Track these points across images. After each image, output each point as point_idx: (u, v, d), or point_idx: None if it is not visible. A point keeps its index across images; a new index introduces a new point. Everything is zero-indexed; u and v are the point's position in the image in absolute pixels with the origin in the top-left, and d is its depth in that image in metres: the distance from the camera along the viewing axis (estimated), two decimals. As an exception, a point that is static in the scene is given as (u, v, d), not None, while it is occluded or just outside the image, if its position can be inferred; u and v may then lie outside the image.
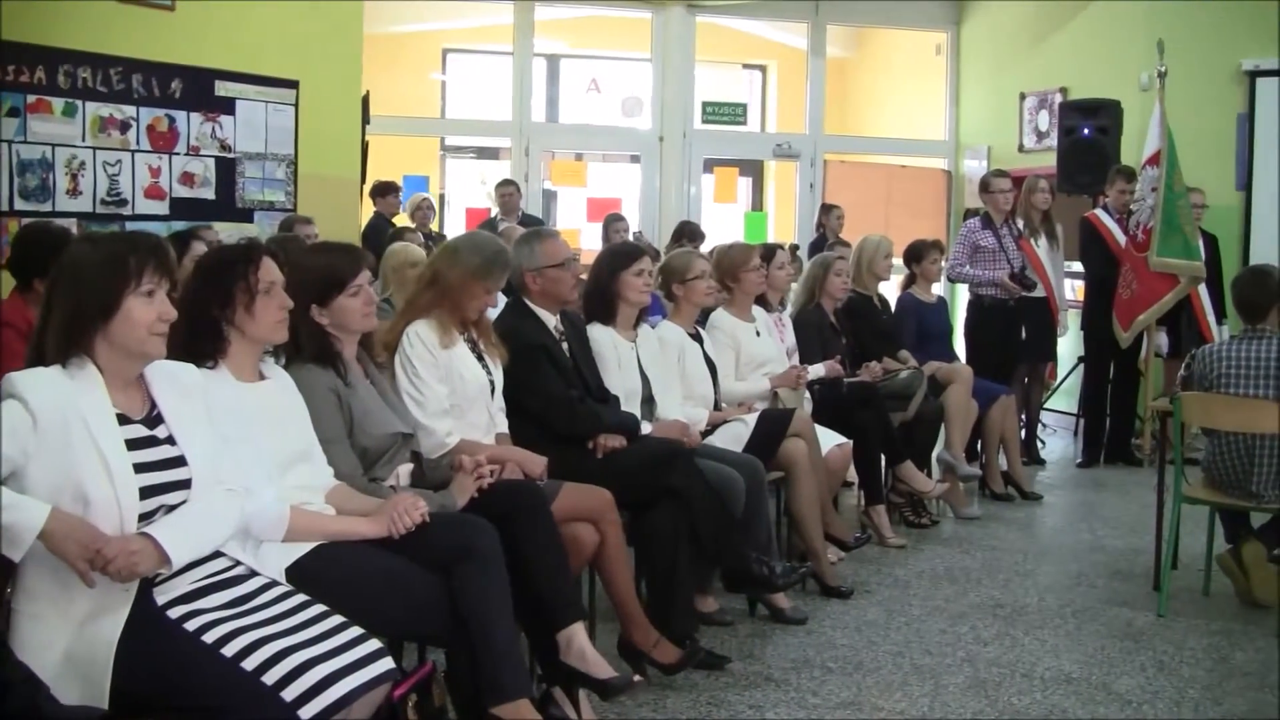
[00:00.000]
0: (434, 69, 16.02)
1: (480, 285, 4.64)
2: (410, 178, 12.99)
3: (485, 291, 4.67)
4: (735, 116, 14.23)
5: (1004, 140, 13.01)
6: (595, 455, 5.01)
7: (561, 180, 14.49)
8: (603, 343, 5.49)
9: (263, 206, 9.42)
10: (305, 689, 2.87)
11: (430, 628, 3.74)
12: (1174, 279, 9.08)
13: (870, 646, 5.34)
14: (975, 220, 9.28)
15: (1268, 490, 5.76)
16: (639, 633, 4.67)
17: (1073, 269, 10.26)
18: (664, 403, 5.69)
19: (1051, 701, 4.77)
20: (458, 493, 4.10)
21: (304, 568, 3.47)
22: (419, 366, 4.51)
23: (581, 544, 4.46)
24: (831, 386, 7.01)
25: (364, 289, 4.09)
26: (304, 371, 3.88)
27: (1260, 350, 5.74)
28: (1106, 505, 8.35)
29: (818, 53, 14.11)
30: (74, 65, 8.26)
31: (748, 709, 4.61)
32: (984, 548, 7.09)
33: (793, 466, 5.94)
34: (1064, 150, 10.64)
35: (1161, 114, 9.19)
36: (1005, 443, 8.34)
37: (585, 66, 16.22)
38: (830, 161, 13.92)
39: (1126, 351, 9.45)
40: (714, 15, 14.24)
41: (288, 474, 3.61)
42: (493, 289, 4.71)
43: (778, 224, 15.06)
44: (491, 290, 4.70)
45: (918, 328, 8.29)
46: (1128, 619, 5.82)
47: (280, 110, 9.55)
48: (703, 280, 6.10)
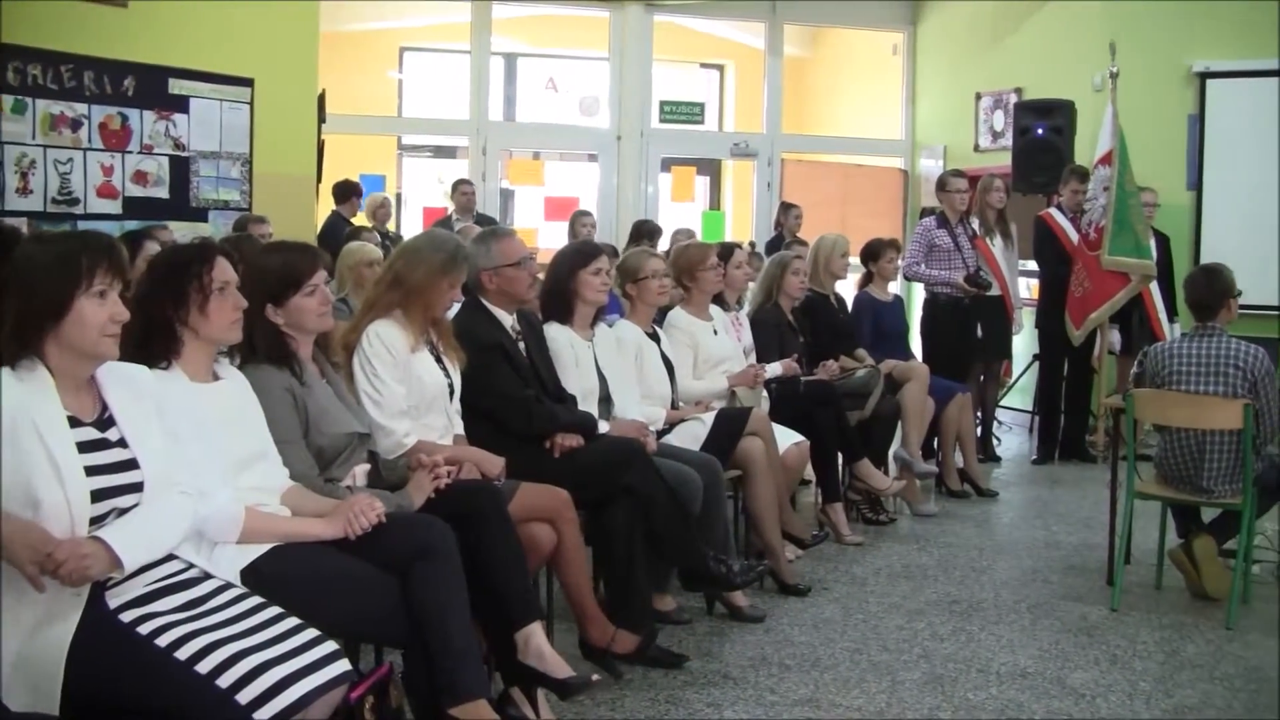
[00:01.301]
0: (391, 67, 15.96)
1: (445, 281, 4.63)
2: (367, 176, 12.93)
3: (450, 287, 4.67)
4: (693, 116, 14.24)
5: (960, 140, 13.07)
6: (552, 455, 5.01)
7: (519, 179, 14.47)
8: (560, 342, 5.49)
9: (217, 206, 9.36)
10: (261, 692, 2.85)
11: (387, 629, 3.72)
12: (1126, 277, 9.15)
13: (827, 644, 5.36)
14: (931, 219, 9.32)
15: (1218, 485, 5.83)
16: (596, 630, 4.67)
17: (1027, 267, 10.32)
18: (621, 402, 5.69)
19: (1007, 696, 4.80)
20: (414, 493, 4.09)
21: (259, 569, 3.45)
22: (378, 366, 4.49)
23: (539, 544, 4.45)
24: (789, 385, 7.02)
25: (320, 288, 4.07)
26: (259, 372, 3.85)
27: (1211, 348, 5.79)
28: (1061, 501, 8.41)
29: (775, 52, 14.13)
30: (24, 62, 8.19)
31: (706, 707, 4.62)
32: (940, 545, 7.13)
33: (750, 465, 5.96)
34: (1019, 150, 10.71)
35: (1114, 114, 9.27)
36: (961, 440, 8.39)
37: (543, 65, 16.19)
38: (787, 160, 13.94)
39: (1080, 349, 9.53)
40: (671, 14, 14.24)
41: (242, 475, 3.59)
42: (456, 284, 4.70)
43: (735, 223, 15.08)
44: (455, 286, 4.70)
45: (874, 326, 8.33)
46: (1082, 613, 5.86)
47: (235, 108, 9.50)
48: (655, 280, 6.09)
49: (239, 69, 9.45)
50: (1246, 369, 5.71)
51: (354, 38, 14.71)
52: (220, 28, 9.36)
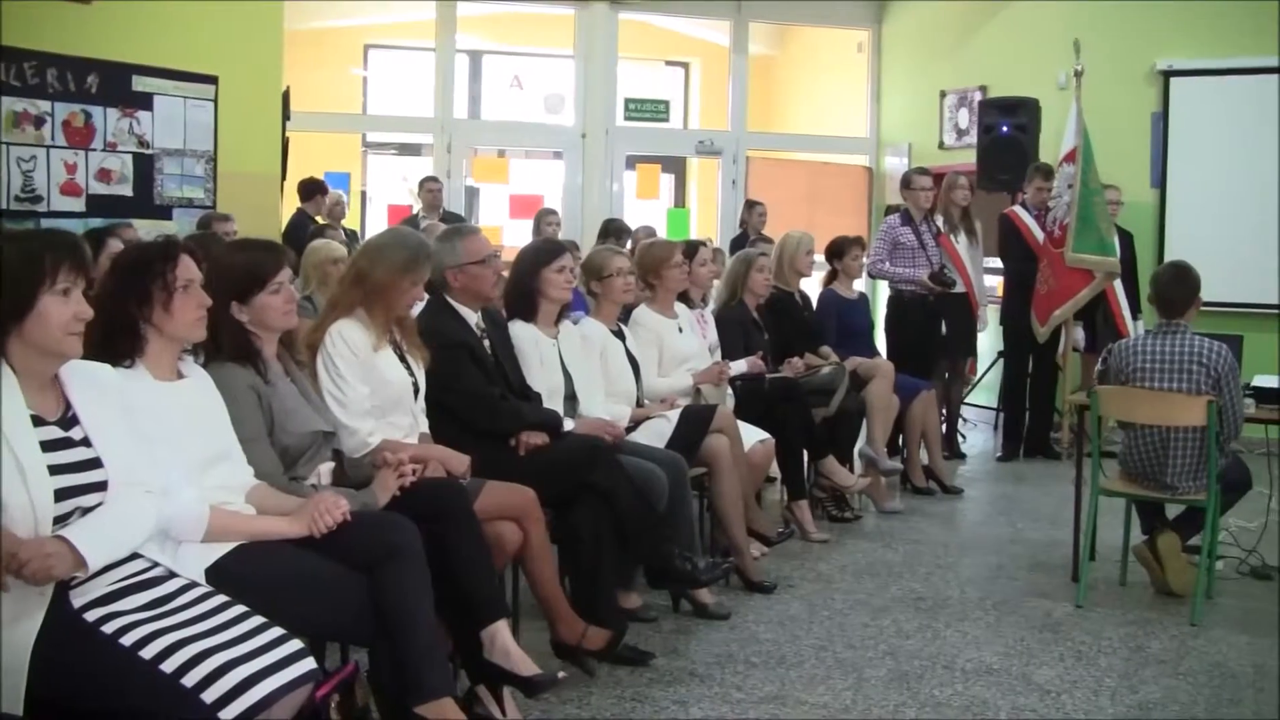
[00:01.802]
0: (355, 65, 15.90)
1: (407, 279, 4.61)
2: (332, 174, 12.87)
3: (412, 285, 4.64)
4: (658, 113, 14.23)
5: (924, 137, 13.11)
6: (518, 453, 5.00)
7: (484, 177, 14.43)
8: (524, 340, 5.48)
9: (182, 203, 9.30)
10: (226, 690, 2.84)
11: (353, 627, 3.71)
12: (1090, 274, 9.20)
13: (793, 641, 5.37)
14: (895, 217, 9.35)
15: (1182, 482, 5.86)
16: (566, 628, 4.67)
17: (992, 265, 10.35)
18: (586, 400, 5.69)
19: (972, 693, 4.82)
20: (380, 491, 4.08)
21: (224, 568, 3.44)
22: (341, 366, 4.47)
23: (505, 542, 4.45)
24: (754, 382, 7.03)
25: (285, 286, 4.05)
26: (223, 370, 3.84)
27: (1174, 344, 5.82)
28: (1026, 498, 8.45)
29: (740, 50, 14.14)
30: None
31: (672, 704, 4.62)
32: (906, 541, 7.15)
33: (715, 462, 5.96)
34: (983, 147, 10.76)
35: (1078, 112, 9.30)
36: (926, 437, 8.42)
37: (508, 63, 16.16)
38: (753, 158, 13.96)
39: (1045, 346, 9.57)
40: (637, 12, 14.22)
41: (207, 474, 3.57)
42: (419, 282, 4.68)
43: (700, 220, 15.08)
44: (418, 284, 4.68)
45: (839, 324, 8.35)
46: (1047, 610, 5.89)
47: (199, 106, 9.44)
48: (619, 278, 6.09)
49: (203, 66, 9.40)
50: (1210, 365, 5.74)
51: (318, 35, 14.64)
52: (184, 25, 9.31)
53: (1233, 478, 6.03)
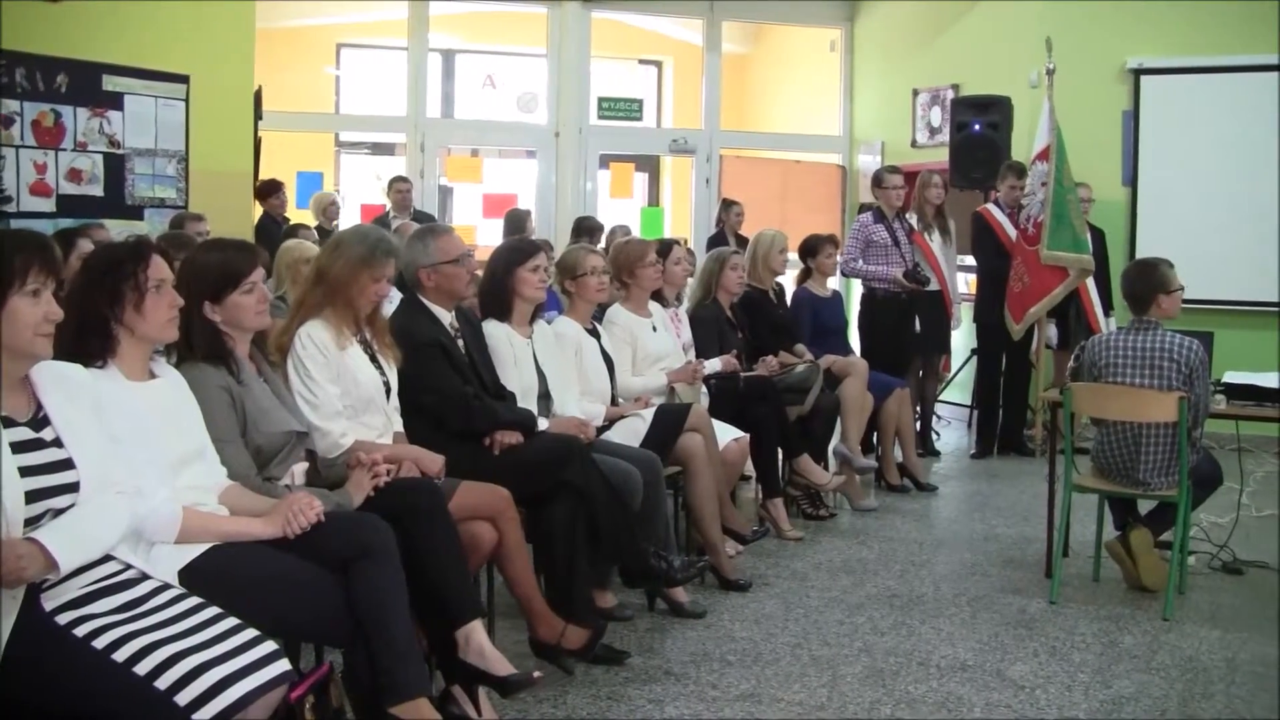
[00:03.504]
0: (328, 64, 15.84)
1: (367, 275, 4.57)
2: (304, 174, 12.86)
3: (373, 281, 4.59)
4: (631, 112, 14.22)
5: (897, 136, 13.13)
6: (492, 452, 5.00)
7: (457, 176, 14.40)
8: (498, 339, 5.47)
9: (153, 203, 9.25)
10: (200, 693, 2.84)
11: (327, 628, 3.70)
12: (1064, 272, 9.25)
13: (769, 638, 5.38)
14: (868, 215, 9.36)
15: (1154, 478, 5.89)
16: (544, 627, 4.68)
17: (965, 263, 10.39)
18: (561, 399, 5.68)
19: (947, 689, 4.83)
20: (353, 491, 4.08)
21: (197, 570, 3.42)
22: (311, 368, 4.44)
23: (480, 542, 4.44)
24: (728, 381, 7.04)
25: (258, 286, 4.05)
26: (196, 370, 3.83)
27: (1146, 341, 5.85)
28: (1000, 495, 8.47)
29: (713, 48, 14.13)
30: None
31: (647, 703, 4.62)
32: (880, 539, 7.17)
33: (690, 461, 5.97)
34: (956, 146, 10.78)
35: (1051, 110, 9.35)
36: (900, 435, 8.43)
37: (481, 62, 16.12)
38: (726, 157, 13.96)
39: (1018, 344, 9.61)
40: (610, 10, 14.21)
41: (180, 474, 3.56)
42: (380, 278, 4.62)
43: (674, 219, 15.08)
44: (379, 279, 4.62)
45: (813, 322, 8.36)
46: (1021, 606, 5.91)
47: (171, 105, 9.38)
48: (594, 276, 6.09)
49: (174, 65, 9.34)
50: (1181, 362, 5.77)
51: (290, 34, 14.60)
52: (155, 23, 9.27)
53: (1204, 473, 6.06)
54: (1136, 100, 10.96)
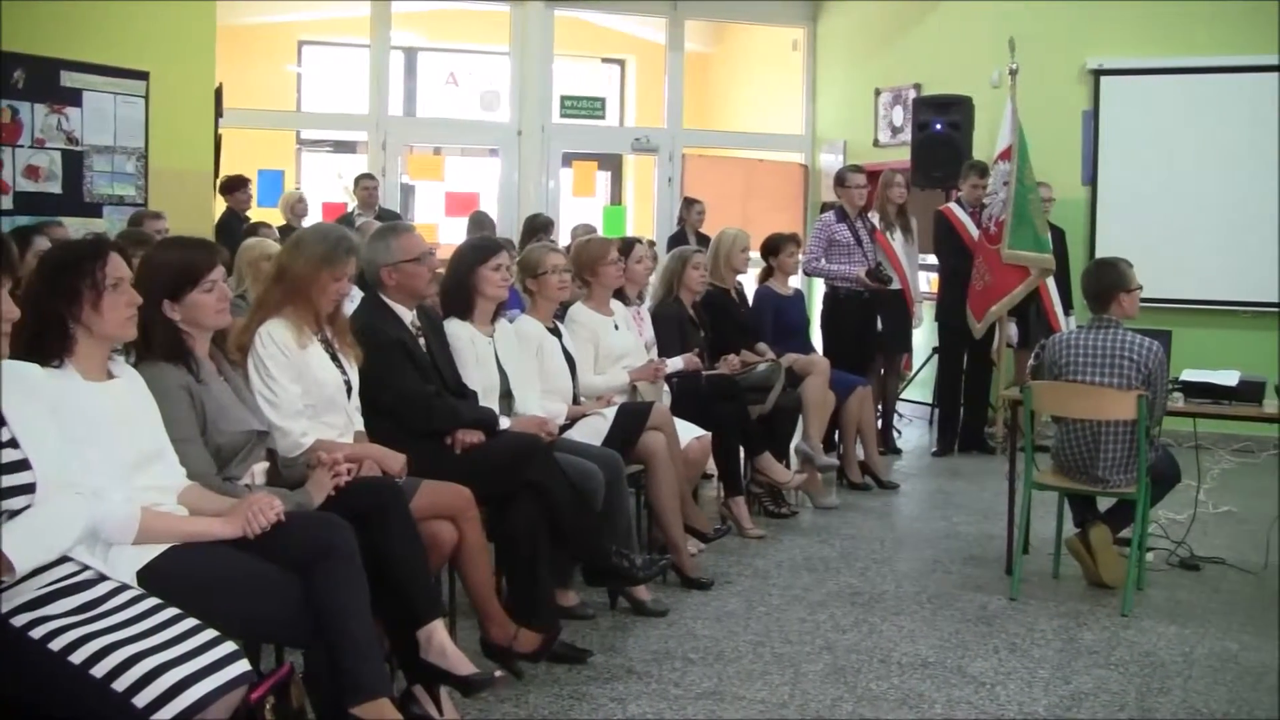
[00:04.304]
0: (289, 61, 15.78)
1: (328, 274, 4.55)
2: (265, 172, 12.80)
3: (334, 280, 4.57)
4: (594, 110, 14.23)
5: (859, 135, 13.18)
6: (454, 451, 4.99)
7: (419, 174, 14.38)
8: (460, 338, 5.46)
9: (112, 201, 9.20)
10: (158, 694, 2.82)
11: (288, 628, 3.68)
12: (1025, 271, 9.29)
13: (731, 636, 5.38)
14: (830, 214, 9.38)
15: (1113, 475, 5.93)
16: (497, 629, 4.66)
17: (927, 262, 10.43)
18: (522, 397, 5.67)
19: (908, 686, 4.85)
20: (314, 491, 4.05)
21: (156, 570, 3.40)
22: (272, 367, 4.42)
23: (440, 542, 4.43)
24: (690, 379, 7.05)
25: (218, 284, 4.01)
26: (155, 369, 3.80)
27: (1106, 339, 5.89)
28: (961, 493, 8.51)
29: (676, 47, 14.16)
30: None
31: (610, 702, 4.62)
32: (842, 537, 7.19)
33: (652, 459, 5.97)
34: (918, 145, 10.83)
35: (1013, 110, 9.40)
36: (862, 433, 8.46)
37: (443, 60, 16.11)
38: (688, 155, 13.98)
39: (979, 342, 9.65)
40: (573, 9, 14.22)
41: (139, 475, 3.53)
42: (340, 276, 4.60)
43: (636, 218, 15.09)
44: (340, 278, 4.60)
45: (775, 320, 8.37)
46: (981, 603, 5.94)
47: (130, 102, 9.33)
48: (555, 275, 6.08)
49: (134, 62, 9.30)
50: (1140, 361, 5.81)
51: (252, 31, 14.54)
52: (114, 20, 9.21)
53: (1162, 471, 6.11)
54: (1096, 100, 11.04)
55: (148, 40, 9.45)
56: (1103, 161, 11.03)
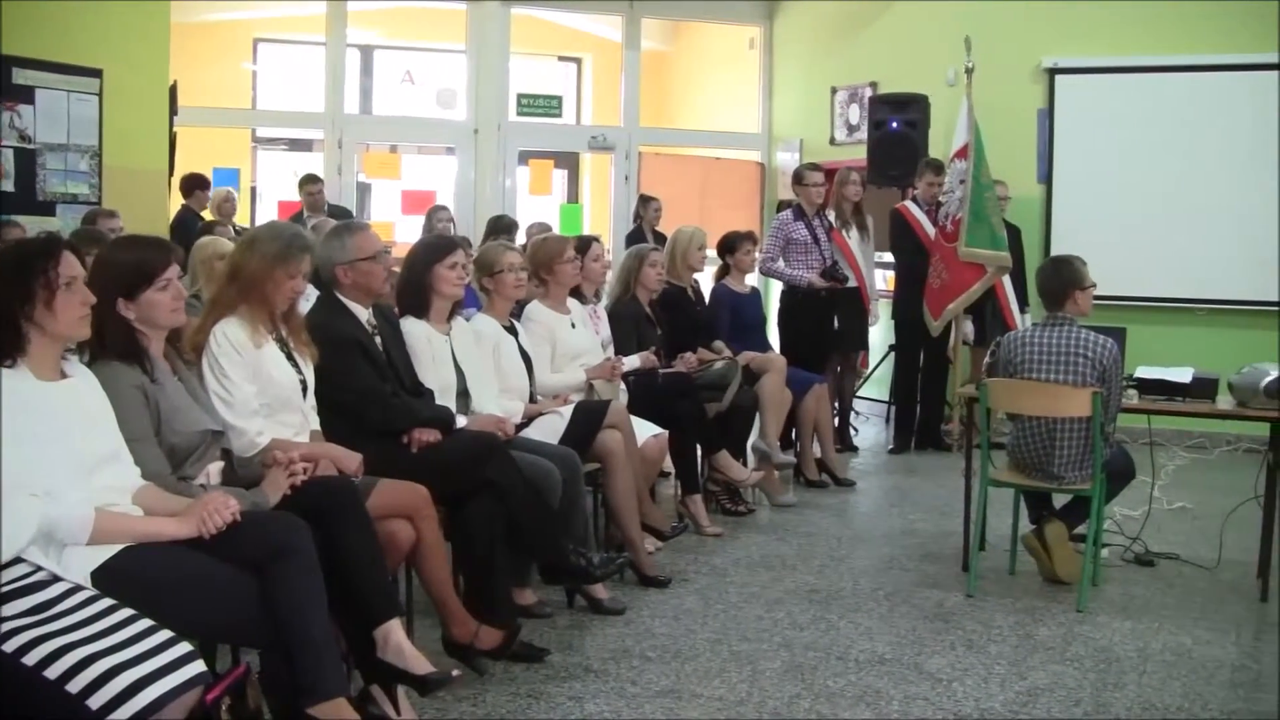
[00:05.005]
0: (244, 59, 15.68)
1: (282, 272, 4.52)
2: (221, 170, 12.71)
3: (289, 278, 4.54)
4: (550, 108, 14.20)
5: (816, 133, 13.21)
6: (410, 450, 4.97)
7: (375, 172, 14.31)
8: (416, 336, 5.44)
9: (65, 199, 9.11)
10: (112, 696, 2.81)
11: (244, 629, 3.66)
12: (982, 269, 9.35)
13: (688, 634, 5.39)
14: (788, 213, 9.40)
15: (1068, 472, 5.97)
16: (458, 627, 4.65)
17: (883, 260, 10.47)
18: (479, 396, 5.66)
19: (866, 682, 4.86)
20: (270, 490, 4.03)
21: (111, 571, 3.37)
22: (226, 366, 4.39)
23: (397, 540, 4.41)
24: (647, 378, 7.05)
25: (173, 283, 3.99)
26: (108, 369, 3.77)
27: (1061, 338, 5.92)
28: (917, 490, 8.55)
29: (633, 45, 14.15)
30: None
31: (567, 700, 4.62)
32: (799, 534, 7.20)
33: (609, 458, 5.97)
34: (874, 143, 10.88)
35: (969, 109, 9.45)
36: (819, 431, 8.48)
37: (399, 58, 16.04)
38: (645, 154, 13.97)
39: (935, 340, 9.70)
40: (529, 7, 14.19)
41: (93, 475, 3.51)
42: (295, 274, 4.57)
43: (593, 216, 15.08)
44: (294, 275, 4.56)
45: (732, 318, 8.38)
46: (938, 600, 5.97)
47: (83, 100, 9.25)
48: (512, 273, 6.07)
49: (87, 59, 9.21)
50: (1095, 358, 5.85)
51: (206, 28, 14.43)
52: (67, 17, 9.12)
53: (1117, 467, 6.15)
54: (1051, 99, 11.11)
55: (101, 37, 9.36)
56: (1058, 159, 11.10)
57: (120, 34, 9.53)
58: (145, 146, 9.85)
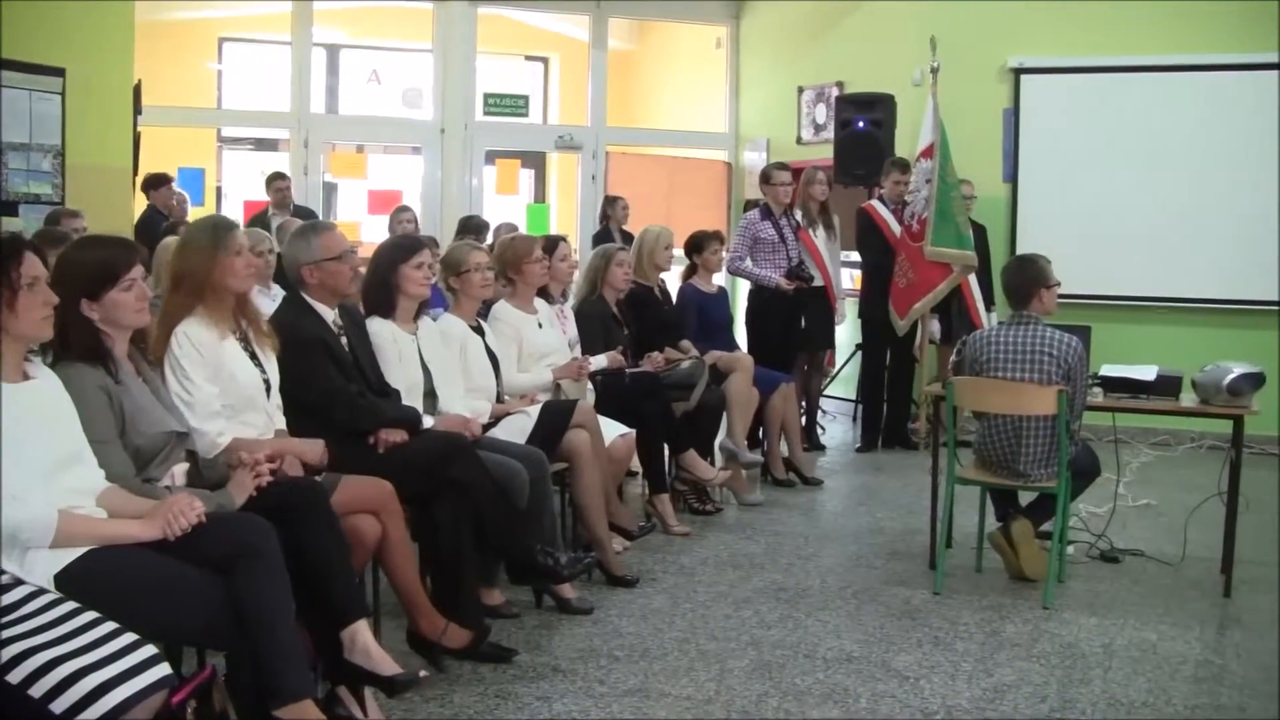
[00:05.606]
0: (210, 58, 15.61)
1: (223, 255, 4.47)
2: (186, 170, 12.65)
3: (233, 257, 4.47)
4: (517, 108, 14.19)
5: (782, 133, 13.22)
6: (377, 450, 4.96)
7: (342, 172, 14.29)
8: (383, 336, 5.43)
9: (28, 199, 9.04)
10: (76, 700, 2.80)
11: (209, 631, 3.64)
12: (948, 268, 9.39)
13: (656, 634, 5.39)
14: (755, 212, 9.41)
15: (1034, 469, 5.99)
16: (426, 622, 4.66)
17: (850, 258, 10.49)
18: (446, 396, 5.65)
19: (833, 681, 4.87)
20: (235, 491, 4.01)
21: (75, 574, 3.36)
22: (188, 367, 4.35)
23: (363, 536, 4.40)
24: (614, 377, 7.05)
25: (137, 283, 3.96)
26: (72, 370, 3.75)
27: (1026, 336, 5.95)
28: (884, 488, 8.57)
29: (599, 45, 14.14)
30: None
31: (535, 700, 4.61)
32: (767, 533, 7.21)
33: (576, 457, 5.97)
34: (840, 142, 10.90)
35: (935, 108, 9.48)
36: (786, 430, 8.50)
37: (366, 57, 16.00)
38: (612, 153, 13.97)
39: (902, 339, 9.73)
40: (496, 6, 14.17)
41: (57, 477, 3.48)
42: (236, 251, 4.50)
43: (560, 216, 15.08)
44: (237, 253, 4.50)
45: (699, 318, 8.38)
46: (905, 597, 5.98)
47: (46, 99, 9.17)
48: (478, 273, 6.06)
49: (50, 58, 9.14)
50: (1060, 356, 5.87)
51: (171, 27, 14.36)
52: (29, 15, 9.04)
53: (1082, 465, 6.18)
54: (1017, 99, 11.15)
55: (64, 36, 9.29)
56: (1023, 159, 11.15)
57: (83, 32, 9.46)
58: (109, 146, 9.79)
